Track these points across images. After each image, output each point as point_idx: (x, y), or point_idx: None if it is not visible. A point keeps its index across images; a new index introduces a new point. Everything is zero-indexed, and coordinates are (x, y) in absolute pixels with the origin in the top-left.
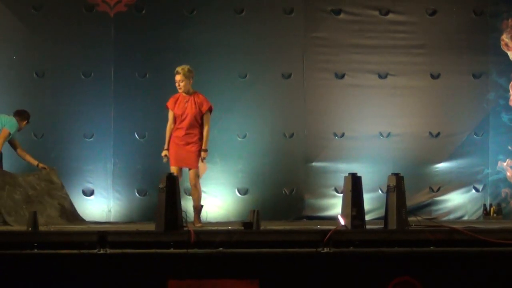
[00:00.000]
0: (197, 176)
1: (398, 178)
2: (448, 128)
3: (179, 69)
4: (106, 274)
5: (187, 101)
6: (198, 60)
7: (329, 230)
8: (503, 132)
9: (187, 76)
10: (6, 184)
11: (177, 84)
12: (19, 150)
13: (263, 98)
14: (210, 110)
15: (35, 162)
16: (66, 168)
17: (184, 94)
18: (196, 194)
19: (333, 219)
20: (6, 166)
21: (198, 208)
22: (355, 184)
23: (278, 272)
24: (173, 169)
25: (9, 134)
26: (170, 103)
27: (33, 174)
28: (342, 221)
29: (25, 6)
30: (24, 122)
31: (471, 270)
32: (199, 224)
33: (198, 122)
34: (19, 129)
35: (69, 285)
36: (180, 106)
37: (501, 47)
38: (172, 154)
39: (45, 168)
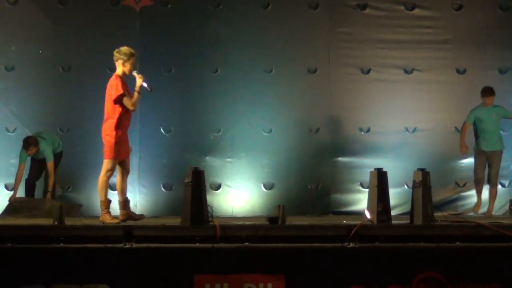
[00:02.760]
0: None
1: (424, 173)
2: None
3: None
4: (132, 269)
5: None
6: (224, 54)
7: (354, 225)
8: None
9: None
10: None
11: (133, 67)
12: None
13: (288, 93)
14: None
15: (49, 188)
16: (92, 162)
17: None
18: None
19: (359, 214)
20: None
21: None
22: (380, 179)
23: (303, 267)
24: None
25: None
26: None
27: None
28: (368, 215)
29: (51, 0)
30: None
31: (497, 266)
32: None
33: None
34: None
35: (95, 279)
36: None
37: None
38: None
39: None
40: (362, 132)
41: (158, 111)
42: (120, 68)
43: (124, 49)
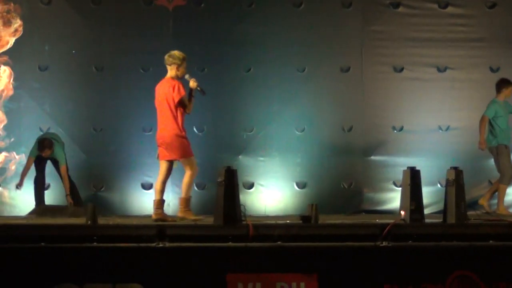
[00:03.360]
0: None
1: (457, 172)
2: (509, 121)
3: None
4: (165, 268)
5: None
6: (256, 53)
7: (387, 224)
8: None
9: None
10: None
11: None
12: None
13: (321, 91)
14: None
15: (67, 192)
16: (125, 161)
17: None
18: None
19: (392, 213)
20: None
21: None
22: (413, 177)
23: (336, 266)
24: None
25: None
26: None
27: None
28: (402, 214)
29: (84, 0)
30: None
31: None
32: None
33: None
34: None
35: (128, 279)
36: None
37: None
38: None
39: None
40: (395, 131)
41: (192, 110)
42: (174, 71)
43: (177, 53)
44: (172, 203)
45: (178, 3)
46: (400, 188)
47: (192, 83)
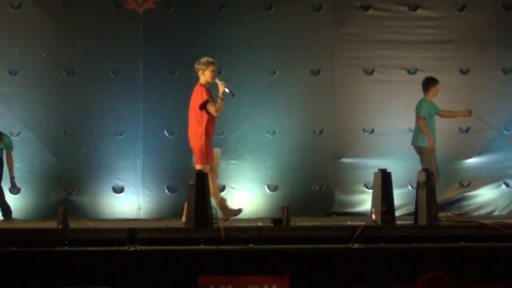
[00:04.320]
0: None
1: (428, 173)
2: (478, 123)
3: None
4: (136, 271)
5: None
6: (227, 56)
7: (359, 226)
8: None
9: None
10: None
11: (215, 74)
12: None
13: (292, 94)
14: None
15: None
16: (96, 165)
17: None
18: None
19: (363, 215)
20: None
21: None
22: (385, 180)
23: (308, 268)
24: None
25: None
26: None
27: None
28: (373, 216)
29: (54, 3)
30: None
31: (502, 265)
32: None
33: None
34: None
35: (99, 282)
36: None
37: None
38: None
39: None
40: (366, 133)
41: (162, 114)
42: (201, 77)
43: (203, 59)
44: (143, 205)
45: (148, 7)
46: (371, 190)
47: (220, 86)
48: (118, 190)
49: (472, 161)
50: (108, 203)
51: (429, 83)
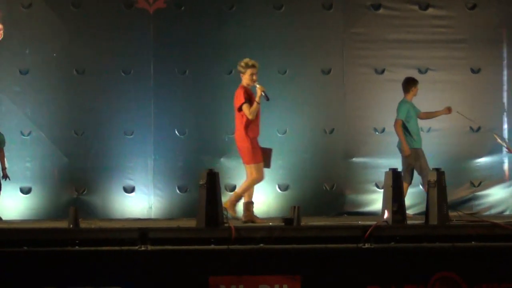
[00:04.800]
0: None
1: (439, 173)
2: (489, 122)
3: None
4: (147, 271)
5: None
6: (237, 56)
7: (370, 226)
8: None
9: None
10: None
11: (254, 77)
12: None
13: (302, 93)
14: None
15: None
16: (106, 165)
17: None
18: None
19: (374, 214)
20: None
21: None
22: (395, 179)
23: (319, 268)
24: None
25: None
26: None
27: None
28: (385, 215)
29: (64, 3)
30: None
31: None
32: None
33: None
34: None
35: (110, 282)
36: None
37: None
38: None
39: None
40: (377, 133)
41: (173, 113)
42: (242, 79)
43: (243, 61)
44: (154, 205)
45: (159, 6)
46: (382, 190)
47: (258, 90)
48: (129, 189)
49: (483, 160)
50: (119, 202)
51: (409, 83)
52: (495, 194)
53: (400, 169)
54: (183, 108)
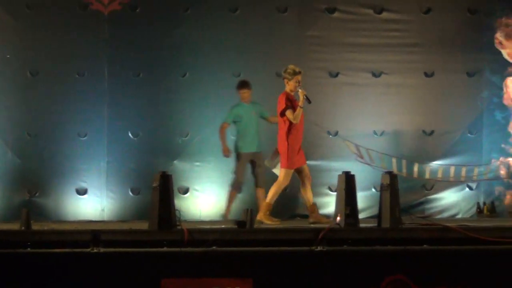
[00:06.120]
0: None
1: (392, 176)
2: (442, 126)
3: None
4: (100, 273)
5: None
6: (192, 58)
7: (322, 229)
8: (497, 130)
9: None
10: None
11: (299, 84)
12: None
13: (257, 96)
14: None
15: None
16: (59, 167)
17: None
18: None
19: (327, 217)
20: None
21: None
22: (348, 182)
23: (271, 270)
24: None
25: None
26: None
27: None
28: (338, 218)
29: (19, 4)
30: None
31: (464, 268)
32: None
33: None
34: None
35: (63, 284)
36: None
37: (495, 45)
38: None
39: None
40: (330, 136)
41: (126, 116)
42: (286, 85)
43: (290, 68)
44: (107, 208)
45: (114, 8)
46: (335, 193)
47: (301, 94)
48: (82, 192)
49: (436, 164)
50: (72, 205)
51: (237, 86)
52: (447, 198)
53: (352, 172)
54: (137, 111)
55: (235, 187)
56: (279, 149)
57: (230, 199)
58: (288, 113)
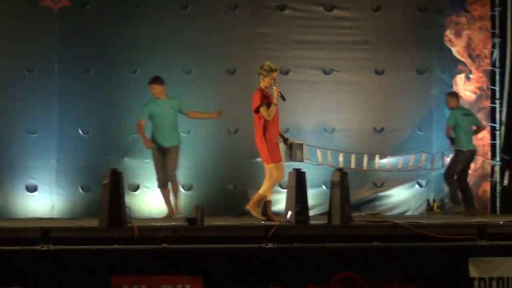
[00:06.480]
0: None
1: (342, 173)
2: (392, 123)
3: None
4: (49, 271)
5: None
6: (143, 55)
7: (273, 226)
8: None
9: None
10: None
11: (274, 81)
12: None
13: (208, 93)
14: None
15: None
16: (9, 163)
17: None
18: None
19: (277, 214)
20: None
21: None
22: (299, 179)
23: (222, 267)
24: None
25: None
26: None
27: None
28: (289, 216)
29: None
30: None
31: (414, 265)
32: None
33: None
34: None
35: (12, 282)
36: None
37: (445, 42)
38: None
39: None
40: None
41: (77, 113)
42: (261, 82)
43: (266, 65)
44: (57, 205)
45: (64, 5)
46: (285, 190)
47: (275, 91)
48: (32, 189)
49: (385, 161)
50: (21, 202)
51: (148, 83)
52: (397, 195)
53: (303, 169)
54: (87, 108)
55: (161, 185)
56: (258, 146)
57: (165, 198)
58: (262, 110)
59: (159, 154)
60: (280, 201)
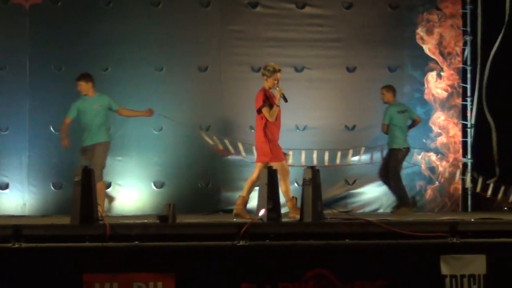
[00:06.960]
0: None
1: (314, 171)
2: (364, 121)
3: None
4: (21, 268)
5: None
6: (114, 52)
7: (245, 223)
8: (418, 126)
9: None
10: None
11: (277, 82)
12: None
13: (179, 90)
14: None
15: None
16: None
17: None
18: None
19: (250, 212)
20: None
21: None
22: (271, 177)
23: (194, 265)
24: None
25: None
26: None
27: None
28: (261, 213)
29: None
30: None
31: (385, 263)
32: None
33: None
34: None
35: None
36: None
37: (416, 40)
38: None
39: None
40: (253, 130)
41: (48, 110)
42: (265, 82)
43: (270, 65)
44: (28, 202)
45: (35, 2)
46: (257, 188)
47: (278, 93)
48: (3, 186)
49: (357, 158)
50: None
51: (76, 80)
52: (369, 193)
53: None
54: (59, 105)
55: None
56: (258, 145)
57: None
58: (265, 110)
59: (88, 151)
60: (252, 199)
